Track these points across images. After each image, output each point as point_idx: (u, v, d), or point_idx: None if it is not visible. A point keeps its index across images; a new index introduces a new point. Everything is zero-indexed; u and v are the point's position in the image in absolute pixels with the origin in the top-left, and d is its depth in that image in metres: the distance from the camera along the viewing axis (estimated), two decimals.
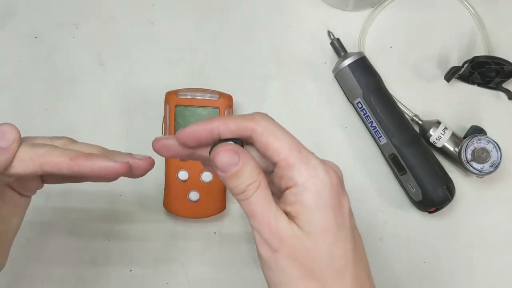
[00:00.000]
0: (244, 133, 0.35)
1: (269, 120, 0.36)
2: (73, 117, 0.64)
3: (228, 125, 0.35)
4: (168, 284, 0.61)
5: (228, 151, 0.34)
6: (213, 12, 0.66)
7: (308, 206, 0.34)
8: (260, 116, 0.36)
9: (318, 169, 0.35)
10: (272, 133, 0.35)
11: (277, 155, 0.34)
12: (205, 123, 0.36)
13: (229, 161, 0.34)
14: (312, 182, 0.34)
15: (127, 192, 0.62)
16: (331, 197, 0.35)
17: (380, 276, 0.61)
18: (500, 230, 0.62)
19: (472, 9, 0.65)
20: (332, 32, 0.63)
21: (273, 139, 0.35)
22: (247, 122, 0.35)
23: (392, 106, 0.61)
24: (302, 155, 0.35)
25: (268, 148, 0.35)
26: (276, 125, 0.36)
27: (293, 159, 0.34)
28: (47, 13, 0.66)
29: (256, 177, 0.34)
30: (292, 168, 0.34)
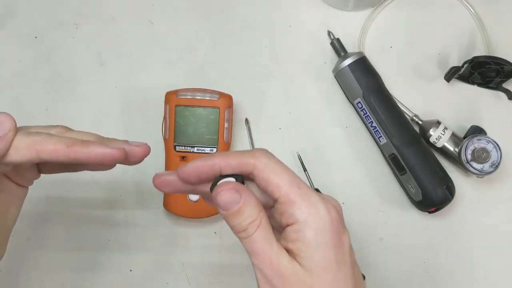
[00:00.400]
0: (245, 169, 0.36)
1: (270, 157, 0.36)
2: (73, 117, 0.64)
3: (229, 162, 0.36)
4: (168, 284, 0.61)
5: (229, 189, 0.35)
6: (213, 12, 0.66)
7: (309, 243, 0.34)
8: (260, 152, 0.36)
9: (319, 206, 0.35)
10: (273, 170, 0.35)
11: (278, 191, 0.35)
12: (206, 159, 0.36)
13: (230, 199, 0.34)
14: (313, 219, 0.34)
15: (127, 192, 0.62)
16: (331, 234, 0.35)
17: (380, 276, 0.61)
18: (500, 230, 0.62)
19: (472, 9, 0.65)
20: (332, 32, 0.63)
21: (274, 175, 0.35)
22: (248, 159, 0.35)
23: (392, 106, 0.61)
24: (302, 192, 0.35)
25: (269, 184, 0.35)
26: (276, 161, 0.36)
27: (294, 196, 0.35)
28: (47, 13, 0.66)
29: (257, 215, 0.35)
30: (293, 204, 0.34)
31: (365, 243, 0.61)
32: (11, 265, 0.61)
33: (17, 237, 0.61)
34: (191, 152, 0.59)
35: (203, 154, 0.58)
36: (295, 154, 0.63)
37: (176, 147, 0.59)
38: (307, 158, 0.63)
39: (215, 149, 0.58)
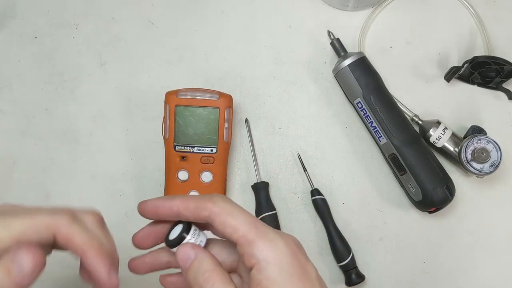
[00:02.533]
0: (202, 212, 0.36)
1: (227, 201, 0.37)
2: (73, 117, 0.64)
3: (187, 204, 0.37)
4: None
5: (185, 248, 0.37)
6: (213, 12, 0.66)
7: (275, 280, 0.34)
8: (218, 197, 0.37)
9: (277, 242, 0.35)
10: (230, 213, 0.36)
11: (236, 233, 0.35)
12: (166, 200, 0.38)
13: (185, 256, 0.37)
14: (273, 255, 0.34)
15: (127, 192, 0.62)
16: (294, 267, 0.35)
17: (380, 276, 0.61)
18: (500, 230, 0.62)
19: (472, 9, 0.65)
20: (332, 32, 0.63)
21: (231, 218, 0.35)
22: (205, 203, 0.36)
23: (392, 106, 0.61)
24: (259, 231, 0.35)
25: (226, 227, 0.36)
26: (233, 205, 0.36)
27: (252, 235, 0.35)
28: (47, 13, 0.66)
29: (212, 270, 0.36)
30: (251, 244, 0.35)
31: (365, 243, 0.61)
32: None
33: None
34: (191, 152, 0.59)
35: (203, 154, 0.59)
36: (295, 154, 0.63)
37: (176, 147, 0.59)
38: (307, 158, 0.63)
39: (215, 149, 0.58)
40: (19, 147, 0.63)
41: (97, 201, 0.62)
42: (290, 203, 0.62)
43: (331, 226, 0.60)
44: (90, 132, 0.63)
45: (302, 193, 0.62)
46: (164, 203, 0.38)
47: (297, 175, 0.63)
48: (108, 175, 0.63)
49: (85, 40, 0.65)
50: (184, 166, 0.59)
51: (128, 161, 0.63)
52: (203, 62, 0.65)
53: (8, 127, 0.64)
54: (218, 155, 0.59)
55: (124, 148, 0.63)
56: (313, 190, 0.61)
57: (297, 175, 0.63)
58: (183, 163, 0.59)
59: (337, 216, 0.61)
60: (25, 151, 0.63)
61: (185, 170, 0.59)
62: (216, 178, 0.59)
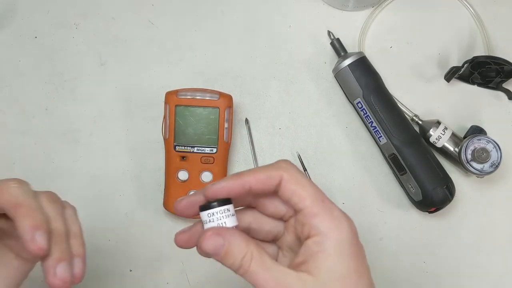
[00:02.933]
0: (272, 181, 0.36)
1: (295, 169, 0.37)
2: (73, 117, 0.64)
3: (258, 177, 0.37)
4: (168, 284, 0.61)
5: (210, 237, 0.36)
6: (213, 12, 0.66)
7: (331, 254, 0.35)
8: (287, 163, 0.37)
9: (342, 221, 0.36)
10: (299, 181, 0.36)
11: (302, 202, 0.36)
12: (236, 178, 0.37)
13: (214, 245, 0.36)
14: (335, 232, 0.35)
15: (127, 192, 0.62)
16: (353, 247, 0.36)
17: (380, 276, 0.61)
18: (500, 230, 0.62)
19: (472, 9, 0.65)
20: (332, 32, 0.63)
21: (300, 187, 0.36)
22: (275, 171, 0.36)
23: (392, 106, 0.61)
24: (325, 206, 0.36)
25: (294, 195, 0.36)
26: (301, 174, 0.37)
27: (318, 209, 0.35)
28: (47, 13, 0.66)
29: (246, 249, 0.35)
30: (316, 216, 0.35)
31: (365, 243, 0.61)
32: None
33: None
34: (191, 152, 0.59)
35: (203, 154, 0.58)
36: (295, 154, 0.63)
37: (176, 147, 0.59)
38: (307, 158, 0.63)
39: (215, 149, 0.58)
40: (19, 147, 0.63)
41: (97, 201, 0.62)
42: None
43: None
44: (90, 132, 0.63)
45: None
46: (235, 181, 0.37)
47: None
48: (108, 175, 0.63)
49: (85, 40, 0.65)
50: (184, 166, 0.59)
51: (128, 161, 0.63)
52: (203, 62, 0.65)
53: (8, 127, 0.64)
54: (218, 155, 0.59)
55: (124, 148, 0.63)
56: None
57: None
58: (183, 163, 0.59)
59: None
60: (25, 151, 0.63)
61: (185, 170, 0.59)
62: (216, 178, 0.59)
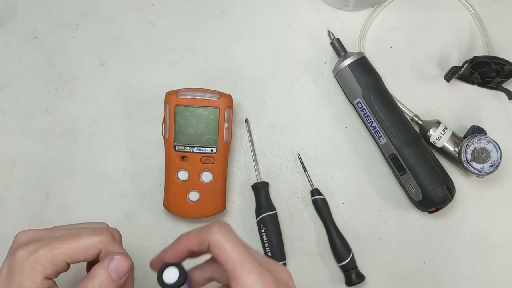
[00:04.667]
0: (204, 246, 0.39)
1: (222, 232, 0.39)
2: (73, 117, 0.64)
3: (192, 241, 0.40)
4: None
5: None
6: (213, 12, 0.66)
7: None
8: (215, 228, 0.39)
9: (262, 278, 0.37)
10: (222, 247, 0.39)
11: (226, 265, 0.38)
12: (175, 246, 0.42)
13: None
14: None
15: (127, 192, 0.62)
16: None
17: (380, 276, 0.61)
18: (500, 230, 0.62)
19: (472, 9, 0.65)
20: (332, 32, 0.63)
21: (223, 252, 0.38)
22: (205, 236, 0.39)
23: (392, 106, 0.61)
24: (244, 270, 0.37)
25: (219, 259, 0.39)
26: (228, 237, 0.39)
27: (236, 273, 0.38)
28: (47, 13, 0.66)
29: None
30: (235, 280, 0.38)
31: (365, 243, 0.61)
32: None
33: None
34: (191, 152, 0.59)
35: (203, 154, 0.58)
36: (295, 154, 0.63)
37: (176, 147, 0.59)
38: (307, 158, 0.63)
39: (215, 149, 0.58)
40: (19, 147, 0.63)
41: (97, 201, 0.62)
42: (290, 203, 0.62)
43: (331, 226, 0.60)
44: (90, 132, 0.63)
45: (302, 193, 0.62)
46: (176, 251, 0.41)
47: (297, 175, 0.63)
48: (108, 175, 0.63)
49: (85, 40, 0.65)
50: (184, 166, 0.59)
51: (128, 161, 0.63)
52: (203, 62, 0.65)
53: (8, 127, 0.64)
54: (218, 155, 0.59)
55: (124, 148, 0.63)
56: (313, 190, 0.61)
57: (297, 175, 0.63)
58: (183, 163, 0.59)
59: (337, 216, 0.61)
60: (25, 151, 0.63)
61: (185, 170, 0.59)
62: (216, 178, 0.59)
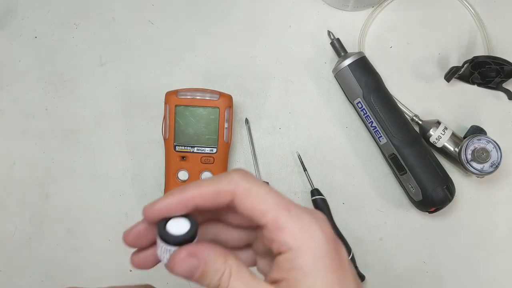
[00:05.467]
0: (222, 198, 0.31)
1: (250, 179, 0.32)
2: (73, 117, 0.64)
3: (204, 194, 0.31)
4: (168, 284, 0.61)
5: (183, 259, 0.31)
6: (213, 12, 0.66)
7: (307, 271, 0.30)
8: (238, 175, 0.32)
9: (313, 228, 0.31)
10: (256, 195, 0.31)
11: (264, 217, 0.31)
12: (178, 195, 0.31)
13: (189, 268, 0.31)
14: (309, 245, 0.30)
15: (127, 192, 0.62)
16: (330, 257, 0.31)
17: (380, 276, 0.61)
18: (500, 230, 0.62)
19: (472, 9, 0.65)
20: (332, 32, 0.63)
21: (258, 201, 0.31)
22: (225, 186, 0.31)
23: (392, 106, 0.61)
24: (292, 215, 0.31)
25: (253, 211, 0.31)
26: (258, 183, 0.32)
27: (283, 221, 0.31)
28: (47, 13, 0.66)
29: (224, 267, 0.31)
30: (282, 231, 0.30)
31: (365, 243, 0.61)
32: (11, 265, 0.61)
33: (18, 237, 0.62)
34: (191, 152, 0.59)
35: (203, 154, 0.59)
36: (295, 154, 0.63)
37: (176, 147, 0.59)
38: (307, 158, 0.63)
39: (215, 149, 0.58)
40: (19, 147, 0.63)
41: (97, 201, 0.62)
42: None
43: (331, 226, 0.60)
44: (90, 132, 0.63)
45: (302, 193, 0.62)
46: (177, 200, 0.31)
47: (297, 175, 0.63)
48: (108, 175, 0.63)
49: (85, 40, 0.65)
50: (184, 166, 0.59)
51: (128, 161, 0.63)
52: (203, 62, 0.65)
53: (8, 127, 0.64)
54: (218, 155, 0.59)
55: (124, 148, 0.63)
56: (313, 190, 0.61)
57: (297, 175, 0.63)
58: (183, 163, 0.59)
59: (337, 216, 0.61)
60: (25, 151, 0.63)
61: (185, 170, 0.59)
62: None
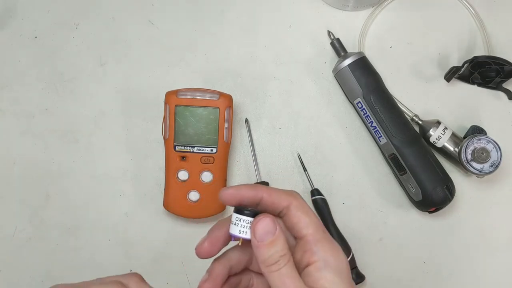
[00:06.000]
0: (282, 203, 0.38)
1: (303, 200, 0.39)
2: (73, 117, 0.64)
3: (272, 195, 0.39)
4: (168, 284, 0.61)
5: (267, 219, 0.36)
6: (213, 12, 0.66)
7: (332, 281, 0.36)
8: (297, 193, 0.39)
9: (340, 251, 0.38)
10: (306, 210, 0.38)
11: (306, 229, 0.37)
12: (252, 188, 0.39)
13: (267, 229, 0.36)
14: (334, 260, 0.37)
15: (127, 192, 0.62)
16: (348, 275, 0.37)
17: (380, 276, 0.61)
18: (500, 230, 0.62)
19: (472, 9, 0.65)
20: (332, 32, 0.63)
21: (305, 215, 0.38)
22: (288, 196, 0.38)
23: (392, 106, 0.61)
24: (326, 236, 0.38)
25: (300, 221, 0.38)
26: (307, 205, 0.39)
27: (319, 236, 0.37)
28: (47, 13, 0.66)
29: (287, 250, 0.36)
30: (318, 243, 0.37)
31: (365, 243, 0.61)
32: (11, 265, 0.61)
33: (18, 237, 0.62)
34: (191, 152, 0.59)
35: (203, 154, 0.59)
36: (295, 154, 0.63)
37: (176, 147, 0.59)
38: (307, 158, 0.63)
39: (215, 149, 0.58)
40: (19, 147, 0.63)
41: (97, 201, 0.62)
42: None
43: (331, 226, 0.60)
44: (90, 132, 0.63)
45: (302, 193, 0.61)
46: (250, 191, 0.38)
47: (297, 175, 0.63)
48: (108, 175, 0.63)
49: (85, 40, 0.65)
50: (184, 166, 0.59)
51: (128, 161, 0.63)
52: (203, 62, 0.65)
53: (8, 127, 0.64)
54: (218, 155, 0.59)
55: (124, 148, 0.63)
56: (313, 190, 0.61)
57: (297, 175, 0.63)
58: (183, 163, 0.59)
59: (337, 216, 0.61)
60: (25, 151, 0.63)
61: (185, 170, 0.59)
62: (216, 178, 0.59)
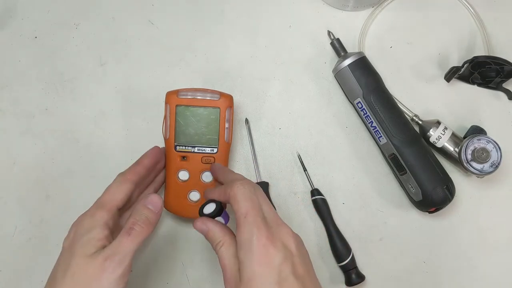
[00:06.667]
0: (227, 198, 0.48)
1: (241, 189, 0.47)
2: (73, 117, 0.64)
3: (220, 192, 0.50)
4: (168, 284, 0.61)
5: (198, 223, 0.50)
6: (213, 12, 0.66)
7: (241, 260, 0.45)
8: (237, 184, 0.48)
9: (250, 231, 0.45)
10: (235, 199, 0.47)
11: (235, 216, 0.47)
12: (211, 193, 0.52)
13: (201, 229, 0.50)
14: (241, 241, 0.45)
15: None
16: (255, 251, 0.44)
17: (380, 276, 0.61)
18: (500, 230, 0.62)
19: (472, 9, 0.65)
20: (332, 32, 0.63)
21: (234, 203, 0.47)
22: (227, 189, 0.48)
23: (392, 106, 0.61)
24: (245, 219, 0.45)
25: (233, 210, 0.47)
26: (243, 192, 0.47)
27: (239, 221, 0.46)
28: (47, 13, 0.66)
29: (222, 238, 0.48)
30: (237, 228, 0.46)
31: (365, 243, 0.61)
32: (11, 265, 0.61)
33: (18, 237, 0.62)
34: (191, 152, 0.59)
35: (204, 154, 0.59)
36: (295, 154, 0.63)
37: (177, 147, 0.59)
38: (307, 158, 0.63)
39: (216, 149, 0.58)
40: (19, 147, 0.63)
41: None
42: (290, 203, 0.62)
43: (331, 226, 0.60)
44: (90, 132, 0.63)
45: (302, 193, 0.62)
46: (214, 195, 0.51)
47: (297, 175, 0.63)
48: (108, 175, 0.63)
49: (85, 40, 0.65)
50: (185, 166, 0.59)
51: (128, 161, 0.63)
52: (203, 62, 0.65)
53: (8, 127, 0.64)
54: (218, 155, 0.59)
55: (124, 148, 0.63)
56: (313, 190, 0.61)
57: (297, 175, 0.63)
58: (184, 163, 0.59)
59: (337, 216, 0.61)
60: (25, 151, 0.63)
61: (185, 170, 0.59)
62: None
